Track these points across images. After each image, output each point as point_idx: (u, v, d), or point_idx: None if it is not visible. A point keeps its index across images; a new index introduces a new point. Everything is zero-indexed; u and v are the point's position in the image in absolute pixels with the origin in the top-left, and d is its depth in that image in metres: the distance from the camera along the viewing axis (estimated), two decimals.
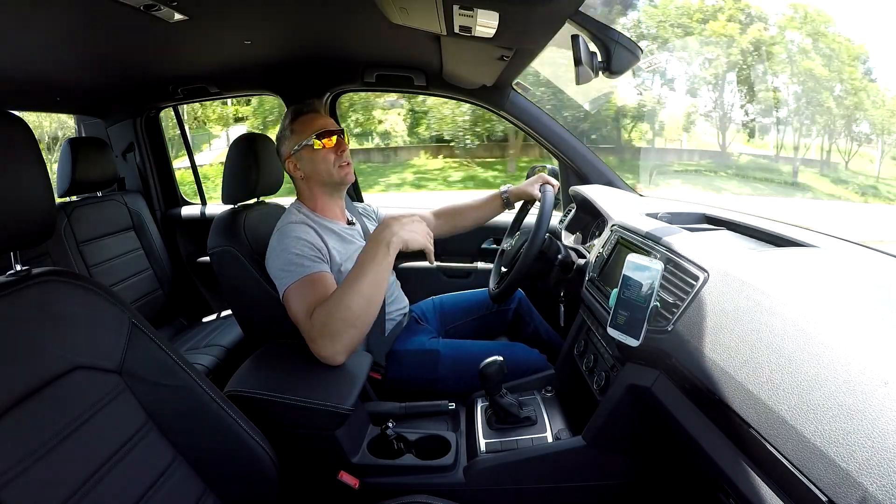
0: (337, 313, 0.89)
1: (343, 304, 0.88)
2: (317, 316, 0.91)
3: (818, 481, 0.43)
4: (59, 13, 0.98)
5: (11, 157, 0.59)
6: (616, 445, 0.88)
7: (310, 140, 1.11)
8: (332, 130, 1.13)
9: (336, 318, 0.89)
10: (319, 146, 1.11)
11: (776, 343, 0.53)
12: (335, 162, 1.13)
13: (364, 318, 0.90)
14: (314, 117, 1.15)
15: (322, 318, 0.90)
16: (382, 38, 1.36)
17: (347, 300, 0.88)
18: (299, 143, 1.12)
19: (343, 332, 0.89)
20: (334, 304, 0.90)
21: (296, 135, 1.13)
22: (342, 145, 1.14)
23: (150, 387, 0.70)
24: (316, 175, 1.14)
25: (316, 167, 1.13)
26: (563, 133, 1.63)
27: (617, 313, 0.78)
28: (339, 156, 1.13)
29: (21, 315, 0.60)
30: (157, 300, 1.91)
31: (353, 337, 0.91)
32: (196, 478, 0.72)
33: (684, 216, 1.13)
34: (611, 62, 0.86)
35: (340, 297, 0.90)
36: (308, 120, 1.14)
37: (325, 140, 1.11)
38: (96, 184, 1.78)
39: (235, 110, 11.65)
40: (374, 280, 0.89)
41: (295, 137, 1.13)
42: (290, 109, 1.18)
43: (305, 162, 1.13)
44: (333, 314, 0.89)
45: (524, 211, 1.43)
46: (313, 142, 1.11)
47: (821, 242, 0.80)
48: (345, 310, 0.88)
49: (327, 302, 0.91)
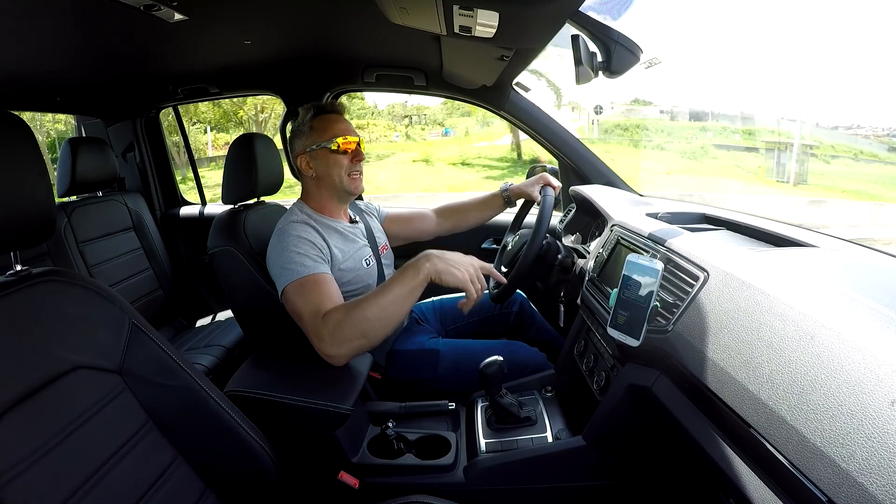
0: (352, 320, 0.88)
1: (361, 314, 0.88)
2: (331, 317, 0.90)
3: (818, 481, 0.43)
4: (59, 13, 0.98)
5: (11, 157, 0.59)
6: (616, 445, 0.88)
7: (329, 143, 1.10)
8: (353, 137, 1.12)
9: (350, 325, 0.88)
10: (337, 150, 1.10)
11: (776, 343, 0.53)
12: (348, 170, 1.12)
13: (377, 332, 0.89)
14: (337, 119, 1.14)
15: (336, 321, 0.89)
16: (382, 38, 1.36)
17: (366, 311, 0.88)
18: (317, 142, 1.11)
19: (354, 340, 0.89)
20: (352, 310, 0.89)
21: (315, 133, 1.12)
22: (360, 155, 1.13)
23: (150, 387, 0.70)
24: (327, 178, 1.13)
25: (329, 170, 1.12)
26: (563, 133, 1.63)
27: (617, 313, 0.78)
28: (352, 164, 1.13)
29: (21, 315, 0.60)
30: (157, 300, 1.91)
31: (361, 346, 0.91)
32: (196, 478, 0.72)
33: (684, 216, 1.13)
34: (611, 62, 0.86)
35: (361, 305, 0.89)
36: (331, 121, 1.13)
37: (345, 145, 1.11)
38: (96, 184, 1.79)
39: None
40: (397, 299, 0.88)
41: (314, 135, 1.12)
42: (313, 105, 1.16)
43: (319, 162, 1.13)
44: (349, 320, 0.88)
45: (525, 209, 1.43)
46: (332, 145, 1.10)
47: (821, 242, 0.80)
48: (362, 320, 0.87)
49: (346, 306, 0.91)
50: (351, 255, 1.12)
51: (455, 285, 0.88)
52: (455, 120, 21.01)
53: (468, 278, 0.88)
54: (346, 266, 1.10)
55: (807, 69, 31.47)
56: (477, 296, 0.89)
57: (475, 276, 0.90)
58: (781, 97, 26.11)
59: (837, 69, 31.68)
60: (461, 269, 0.88)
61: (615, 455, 0.89)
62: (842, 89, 27.69)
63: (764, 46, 37.50)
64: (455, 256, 0.90)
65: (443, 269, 0.88)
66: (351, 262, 1.11)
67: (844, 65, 33.78)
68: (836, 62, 33.55)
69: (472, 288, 0.88)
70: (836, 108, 29.85)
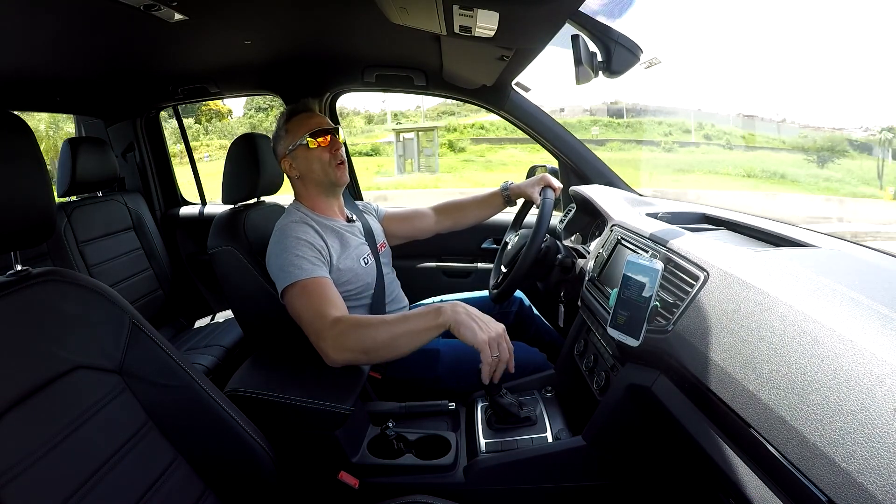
0: (360, 335, 0.88)
1: (370, 333, 0.87)
2: (340, 323, 0.90)
3: (818, 481, 0.43)
4: (60, 13, 0.98)
5: (11, 157, 0.59)
6: (616, 446, 0.88)
7: (304, 139, 1.11)
8: (326, 129, 1.12)
9: (356, 338, 0.88)
10: (314, 145, 1.11)
11: (776, 343, 0.53)
12: (329, 161, 1.12)
13: (379, 354, 0.89)
14: (308, 116, 1.15)
15: (343, 328, 0.89)
16: (382, 38, 1.36)
17: (376, 332, 0.87)
18: (293, 142, 1.12)
19: (354, 351, 0.89)
20: (364, 326, 0.89)
21: (290, 134, 1.13)
22: (336, 144, 1.14)
23: (150, 387, 0.70)
24: (311, 174, 1.14)
25: (310, 166, 1.13)
26: (563, 133, 1.63)
27: (617, 313, 0.78)
28: (333, 155, 1.13)
29: (21, 315, 0.60)
30: (157, 300, 1.91)
31: (358, 360, 0.91)
32: (196, 478, 0.72)
33: (684, 216, 1.14)
34: (611, 62, 0.86)
35: (374, 324, 0.88)
36: (302, 119, 1.14)
37: (320, 139, 1.11)
38: (96, 184, 1.79)
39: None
40: (409, 333, 0.86)
41: (290, 137, 1.13)
42: (286, 109, 1.18)
43: (300, 161, 1.13)
44: (357, 333, 0.88)
45: (526, 209, 1.43)
46: (307, 141, 1.11)
47: (821, 242, 0.80)
48: (369, 338, 0.87)
49: (359, 319, 0.91)
50: (349, 255, 1.12)
51: (472, 343, 0.82)
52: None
53: (486, 340, 0.81)
54: (344, 266, 1.10)
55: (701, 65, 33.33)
56: (491, 361, 0.81)
57: (495, 342, 0.82)
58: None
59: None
60: (483, 330, 0.82)
61: (615, 455, 0.89)
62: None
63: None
64: (484, 317, 0.85)
65: (463, 322, 0.83)
66: (349, 261, 1.12)
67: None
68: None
69: (487, 350, 0.81)
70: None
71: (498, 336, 0.83)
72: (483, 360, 0.82)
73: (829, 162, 16.68)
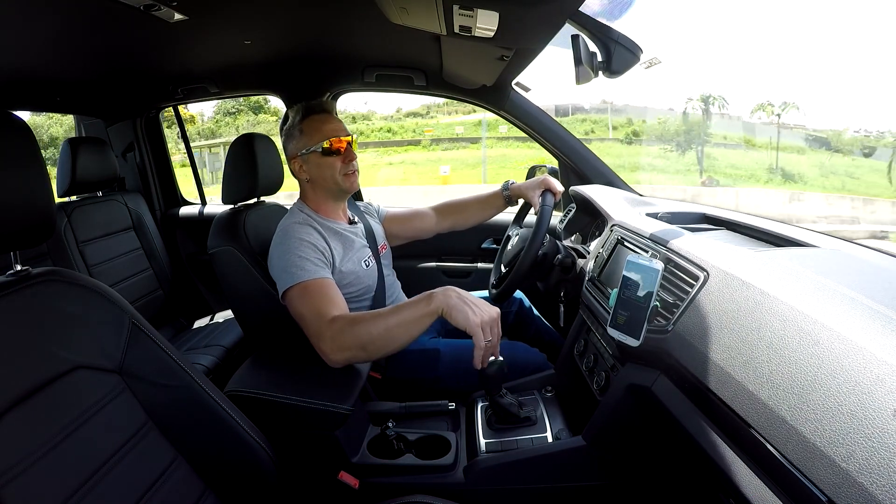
0: (356, 332, 0.88)
1: (366, 329, 0.87)
2: (337, 322, 0.90)
3: (818, 481, 0.43)
4: (60, 13, 0.98)
5: (11, 157, 0.59)
6: (616, 445, 0.88)
7: (319, 147, 1.09)
8: (343, 138, 1.11)
9: (352, 336, 0.88)
10: (330, 153, 1.10)
11: (776, 343, 0.53)
12: (342, 170, 1.11)
13: (377, 349, 0.89)
14: (326, 120, 1.13)
15: (340, 327, 0.89)
16: (382, 38, 1.36)
17: (371, 327, 0.87)
18: (308, 146, 1.11)
19: (352, 349, 0.89)
20: (359, 322, 0.89)
21: (305, 136, 1.12)
22: (351, 154, 1.12)
23: (150, 387, 0.70)
24: (321, 181, 1.13)
25: (322, 173, 1.12)
26: (563, 133, 1.63)
27: (617, 313, 0.78)
28: (346, 164, 1.12)
29: (21, 315, 0.60)
30: (157, 300, 1.91)
31: (358, 357, 0.91)
32: (196, 478, 0.72)
33: (684, 216, 1.14)
34: (611, 62, 0.86)
35: (368, 320, 0.88)
36: (319, 122, 1.12)
37: (336, 147, 1.10)
38: (96, 184, 1.79)
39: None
40: (403, 323, 0.86)
41: (304, 139, 1.12)
42: (301, 106, 1.15)
43: (312, 166, 1.12)
44: (353, 331, 0.88)
45: (526, 208, 1.43)
46: (322, 148, 1.09)
47: (821, 242, 0.80)
48: (364, 334, 0.87)
49: (353, 317, 0.91)
50: (350, 258, 1.12)
51: (463, 326, 0.81)
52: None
53: (479, 323, 0.80)
54: (346, 268, 1.10)
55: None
56: (483, 345, 0.81)
57: (488, 325, 0.82)
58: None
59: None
60: (475, 313, 0.81)
61: (615, 455, 0.89)
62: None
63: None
64: (476, 300, 0.84)
65: (455, 306, 0.82)
66: (350, 264, 1.11)
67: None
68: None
69: (480, 334, 0.80)
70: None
71: (491, 320, 0.83)
72: (475, 344, 0.81)
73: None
